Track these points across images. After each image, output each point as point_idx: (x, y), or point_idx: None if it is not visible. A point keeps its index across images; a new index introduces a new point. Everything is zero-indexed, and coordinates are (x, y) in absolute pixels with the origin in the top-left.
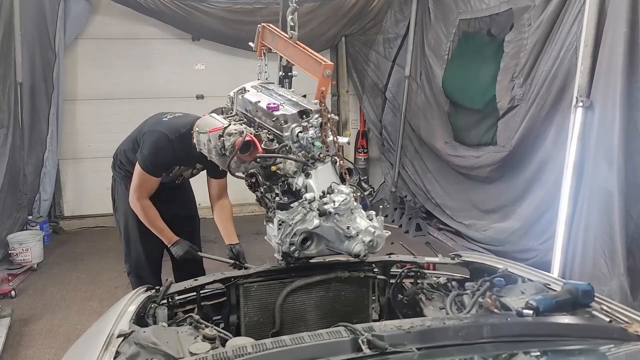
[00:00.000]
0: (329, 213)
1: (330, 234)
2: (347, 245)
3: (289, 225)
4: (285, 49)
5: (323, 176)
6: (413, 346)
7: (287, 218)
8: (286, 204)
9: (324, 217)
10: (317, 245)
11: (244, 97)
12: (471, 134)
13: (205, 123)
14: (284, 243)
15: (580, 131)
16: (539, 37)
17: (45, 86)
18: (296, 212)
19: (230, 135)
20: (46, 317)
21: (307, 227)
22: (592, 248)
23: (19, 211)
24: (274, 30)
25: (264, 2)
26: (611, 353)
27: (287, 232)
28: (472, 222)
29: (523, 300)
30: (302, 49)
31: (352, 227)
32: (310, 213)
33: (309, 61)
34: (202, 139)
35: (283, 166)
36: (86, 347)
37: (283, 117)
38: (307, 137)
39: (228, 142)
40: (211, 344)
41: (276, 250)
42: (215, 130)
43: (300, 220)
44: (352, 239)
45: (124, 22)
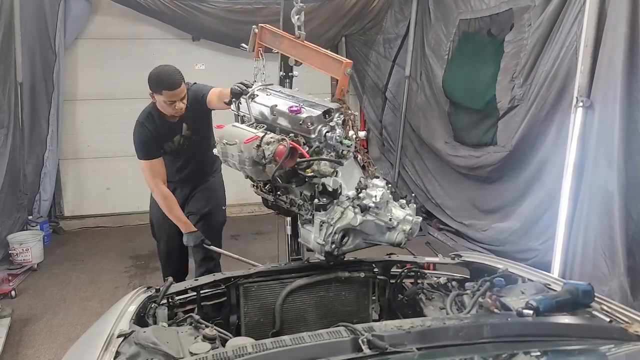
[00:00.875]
0: (369, 208)
1: (370, 227)
2: (389, 236)
3: (331, 225)
4: (292, 48)
5: (349, 171)
6: (413, 346)
7: (327, 218)
8: (325, 204)
9: (364, 212)
10: (353, 240)
11: (256, 102)
12: (471, 134)
13: (231, 134)
14: (327, 243)
15: (581, 131)
16: (539, 37)
17: (46, 86)
18: (334, 211)
19: (269, 144)
20: (46, 317)
21: (350, 223)
22: (592, 248)
23: (19, 211)
24: (276, 31)
25: (264, 2)
26: (611, 353)
27: (329, 232)
28: (472, 222)
29: (523, 300)
30: (316, 48)
31: (393, 218)
32: (347, 210)
33: (326, 60)
34: (232, 151)
35: (318, 167)
36: (86, 347)
37: (309, 119)
38: (335, 137)
39: (268, 151)
40: (211, 344)
41: (318, 251)
42: (251, 140)
43: (340, 219)
44: (393, 230)
45: (124, 22)
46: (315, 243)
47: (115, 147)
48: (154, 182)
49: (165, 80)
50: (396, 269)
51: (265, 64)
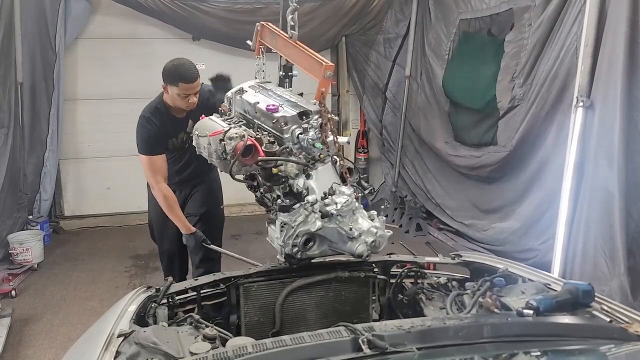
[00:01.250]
0: (331, 214)
1: (332, 235)
2: (350, 246)
3: (292, 227)
4: (284, 48)
5: (324, 177)
6: (413, 346)
7: (289, 220)
8: (288, 206)
9: (326, 219)
10: (319, 246)
11: (242, 98)
12: (471, 134)
13: (204, 126)
14: (287, 245)
15: (581, 131)
16: (540, 37)
17: (46, 86)
18: (298, 213)
19: (231, 140)
20: (46, 317)
21: (309, 228)
22: (593, 248)
23: (20, 211)
24: (274, 29)
25: (264, 2)
26: (611, 353)
27: (289, 234)
28: (473, 222)
29: (523, 300)
30: (303, 48)
31: (355, 228)
32: (312, 215)
33: (309, 61)
34: (202, 142)
35: (284, 168)
36: (86, 347)
37: (283, 119)
38: (307, 139)
39: (229, 146)
40: (211, 344)
41: (279, 252)
42: (216, 134)
43: (302, 222)
44: (354, 240)
45: (124, 22)
46: (277, 244)
47: (115, 147)
48: (154, 179)
49: (183, 72)
50: (396, 269)
51: (266, 62)
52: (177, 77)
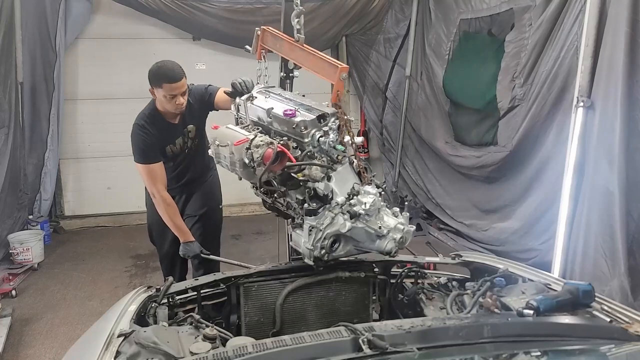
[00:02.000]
0: (359, 215)
1: (360, 234)
2: (379, 244)
3: (320, 230)
4: (291, 51)
5: (343, 177)
6: (413, 346)
7: (317, 223)
8: (315, 209)
9: (354, 219)
10: (344, 246)
11: (254, 105)
12: (472, 134)
13: (224, 135)
14: (316, 248)
15: (581, 131)
16: (540, 37)
17: (46, 86)
18: (324, 216)
19: (258, 147)
20: (47, 317)
21: (339, 230)
22: (593, 248)
23: (20, 211)
24: (277, 33)
25: (265, 2)
26: (612, 353)
27: (318, 237)
28: (473, 222)
29: (523, 300)
30: (313, 52)
31: (383, 226)
32: (337, 216)
33: (322, 64)
34: (223, 152)
35: (309, 172)
36: (87, 347)
37: (303, 123)
38: (328, 142)
39: (257, 154)
40: (212, 344)
41: (307, 256)
42: (241, 143)
43: (329, 224)
44: (383, 238)
45: (124, 22)
46: (305, 248)
47: (115, 147)
48: (155, 187)
49: (165, 72)
50: (396, 269)
51: (268, 66)
52: (161, 78)
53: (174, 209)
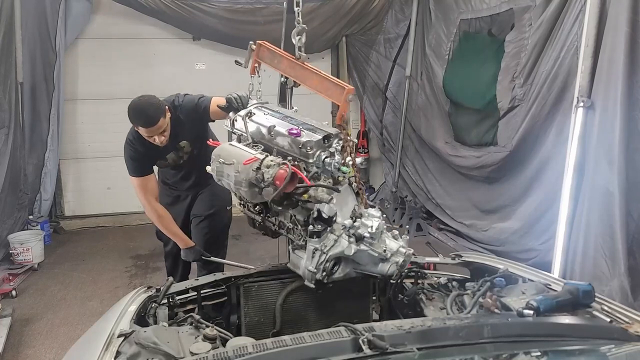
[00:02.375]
0: (364, 237)
1: (363, 257)
2: (381, 268)
3: (323, 253)
4: (291, 69)
5: (343, 199)
6: (413, 346)
7: (321, 246)
8: (319, 231)
9: (359, 242)
10: (344, 268)
11: (253, 121)
12: (472, 134)
13: (228, 153)
14: (319, 271)
15: (581, 131)
16: (540, 37)
17: (46, 86)
18: (327, 238)
19: (269, 167)
20: (47, 317)
21: (343, 252)
22: (593, 248)
23: (20, 211)
24: (275, 49)
25: (265, 2)
26: (612, 353)
27: (321, 260)
28: (473, 222)
29: (524, 300)
30: (317, 71)
31: (387, 250)
32: (340, 238)
33: (327, 85)
34: (227, 170)
35: (314, 193)
36: (87, 347)
37: (309, 143)
38: (334, 163)
39: (268, 175)
40: (212, 344)
41: (308, 278)
42: (250, 162)
43: (332, 247)
44: (386, 261)
45: (124, 22)
46: (306, 270)
47: (115, 147)
48: (145, 199)
49: (139, 116)
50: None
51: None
52: (136, 121)
53: (167, 218)
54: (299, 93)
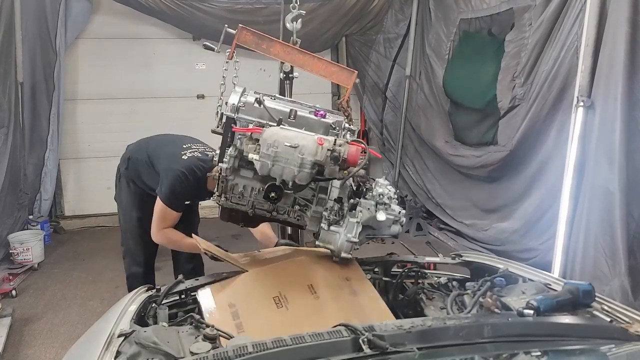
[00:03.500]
0: (385, 204)
1: (381, 222)
2: (393, 229)
3: (360, 223)
4: (286, 54)
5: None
6: (414, 346)
7: (358, 217)
8: (356, 204)
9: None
10: (359, 236)
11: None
12: (472, 134)
13: (287, 137)
14: (358, 242)
15: (581, 131)
16: (540, 36)
17: (46, 86)
18: (360, 210)
19: (341, 146)
20: (47, 317)
21: (378, 218)
22: (593, 248)
23: (20, 211)
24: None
25: (265, 2)
26: (612, 353)
27: (359, 230)
28: (473, 221)
29: (524, 300)
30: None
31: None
32: (364, 209)
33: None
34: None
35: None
36: (87, 347)
37: (338, 123)
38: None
39: (343, 153)
40: (212, 344)
41: (347, 250)
42: (323, 142)
43: (362, 216)
44: (396, 223)
45: (124, 22)
46: (346, 242)
47: (115, 147)
48: (160, 226)
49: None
50: (397, 269)
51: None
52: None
53: (178, 236)
54: (298, 93)
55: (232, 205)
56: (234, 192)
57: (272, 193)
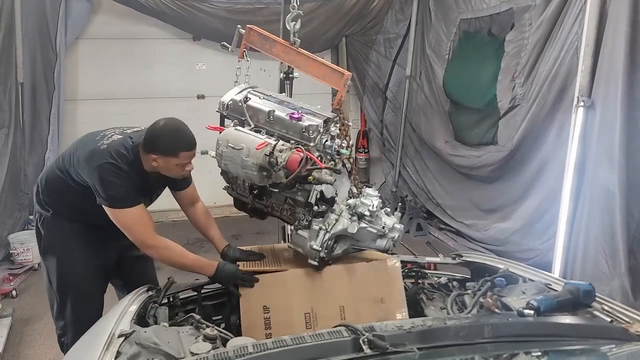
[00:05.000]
0: (364, 215)
1: (362, 234)
2: (379, 243)
3: (327, 232)
4: (285, 54)
5: (339, 180)
6: (414, 346)
7: (324, 225)
8: (323, 211)
9: (360, 220)
10: (341, 246)
11: (251, 105)
12: (472, 134)
13: (237, 138)
14: (322, 249)
15: (581, 131)
16: (540, 36)
17: (46, 86)
18: (330, 218)
19: (282, 152)
20: (47, 317)
21: (347, 230)
22: (593, 248)
23: (20, 211)
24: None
25: (265, 2)
26: (612, 353)
27: (325, 238)
28: (473, 221)
29: (524, 300)
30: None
31: (385, 227)
32: (341, 217)
33: (325, 71)
34: (234, 155)
35: (318, 175)
36: (87, 347)
37: (312, 127)
38: (334, 146)
39: (281, 159)
40: (212, 344)
41: (312, 257)
42: (262, 147)
43: (334, 225)
44: (383, 237)
45: (125, 22)
46: (310, 249)
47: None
48: (149, 236)
49: (182, 138)
50: None
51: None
52: (178, 146)
53: (177, 250)
54: (299, 93)
55: (237, 196)
56: (236, 185)
57: (255, 190)
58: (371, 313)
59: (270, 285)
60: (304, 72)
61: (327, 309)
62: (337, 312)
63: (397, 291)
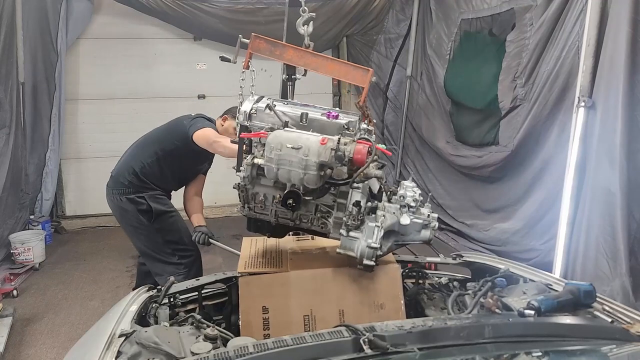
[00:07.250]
0: (410, 207)
1: (408, 227)
2: (423, 234)
3: (381, 228)
4: (299, 58)
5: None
6: (414, 346)
7: (379, 222)
8: (375, 207)
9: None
10: (385, 243)
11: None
12: (473, 134)
13: (290, 139)
14: (379, 247)
15: (582, 131)
16: (541, 36)
17: (47, 86)
18: (380, 214)
19: (346, 145)
20: (48, 317)
21: (400, 223)
22: (594, 248)
23: (21, 211)
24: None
25: (266, 2)
26: (613, 354)
27: (380, 235)
28: (474, 222)
29: (525, 300)
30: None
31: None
32: (387, 212)
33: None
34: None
35: (367, 170)
36: (88, 347)
37: (351, 124)
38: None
39: (347, 152)
40: (212, 344)
41: (369, 256)
42: (326, 142)
43: (383, 220)
44: (426, 228)
45: (125, 22)
46: (367, 248)
47: (116, 147)
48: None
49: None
50: None
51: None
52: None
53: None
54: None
55: (255, 215)
56: (256, 202)
57: (290, 200)
58: (370, 319)
59: (270, 285)
60: (322, 73)
61: (326, 311)
62: (336, 316)
63: (397, 298)
